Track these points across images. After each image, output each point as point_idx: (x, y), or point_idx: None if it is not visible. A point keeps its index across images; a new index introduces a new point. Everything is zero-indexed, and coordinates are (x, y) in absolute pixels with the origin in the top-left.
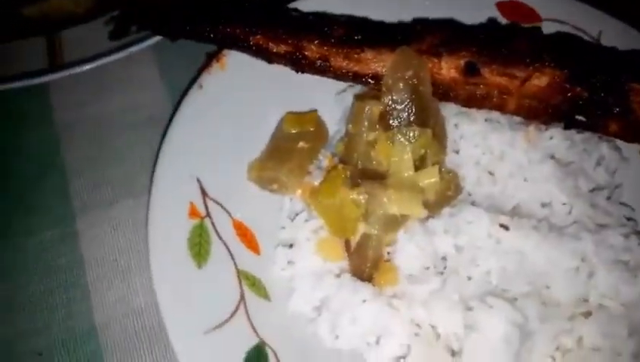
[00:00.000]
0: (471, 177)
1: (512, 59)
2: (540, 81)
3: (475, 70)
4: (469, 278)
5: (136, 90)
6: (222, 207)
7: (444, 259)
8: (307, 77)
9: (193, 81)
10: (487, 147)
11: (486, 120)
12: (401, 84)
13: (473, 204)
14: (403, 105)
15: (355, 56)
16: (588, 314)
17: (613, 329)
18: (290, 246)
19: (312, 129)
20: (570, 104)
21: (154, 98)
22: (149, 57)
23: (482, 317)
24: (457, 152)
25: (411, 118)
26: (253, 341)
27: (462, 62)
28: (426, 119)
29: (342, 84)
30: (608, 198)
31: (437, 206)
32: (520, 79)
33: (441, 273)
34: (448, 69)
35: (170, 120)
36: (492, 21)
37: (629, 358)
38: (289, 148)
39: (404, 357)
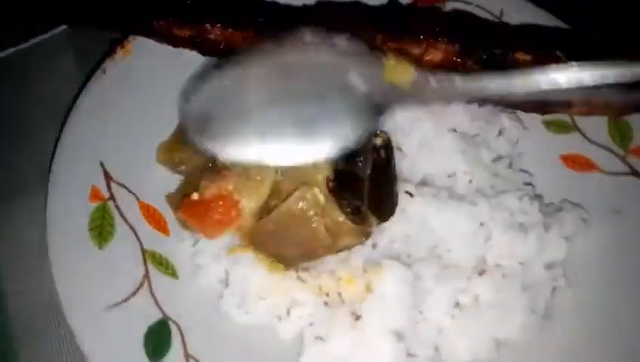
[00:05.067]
0: None
1: (408, 37)
2: (433, 56)
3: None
4: (374, 246)
5: (50, 79)
6: (128, 190)
7: None
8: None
9: (96, 67)
10: (395, 122)
11: None
12: None
13: None
14: None
15: (257, 39)
16: (483, 272)
17: (507, 285)
18: None
19: None
20: None
21: (69, 87)
22: (63, 44)
23: (375, 279)
24: None
25: None
26: (157, 316)
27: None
28: None
29: None
30: (510, 167)
31: None
32: (416, 56)
33: None
34: None
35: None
36: (392, 1)
37: (523, 312)
38: None
39: (311, 325)
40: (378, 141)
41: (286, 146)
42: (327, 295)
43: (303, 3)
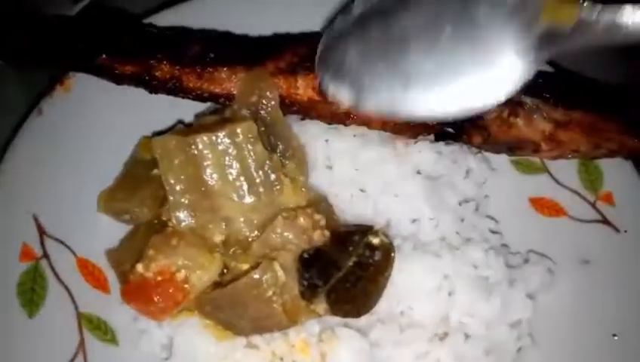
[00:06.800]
0: (344, 195)
1: None
2: None
3: None
4: None
5: None
6: (64, 244)
7: None
8: (166, 97)
9: (32, 107)
10: (359, 163)
11: (355, 135)
12: (244, 112)
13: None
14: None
15: (208, 75)
16: (444, 336)
17: (469, 349)
18: None
19: None
20: None
21: (13, 119)
22: (7, 73)
23: (331, 348)
24: (330, 168)
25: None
26: None
27: (317, 81)
28: (274, 145)
29: (203, 104)
30: (476, 210)
31: None
32: None
33: None
34: (305, 88)
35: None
36: None
37: None
38: (142, 176)
39: None
40: (375, 240)
41: (442, 95)
42: (282, 360)
43: (259, 34)
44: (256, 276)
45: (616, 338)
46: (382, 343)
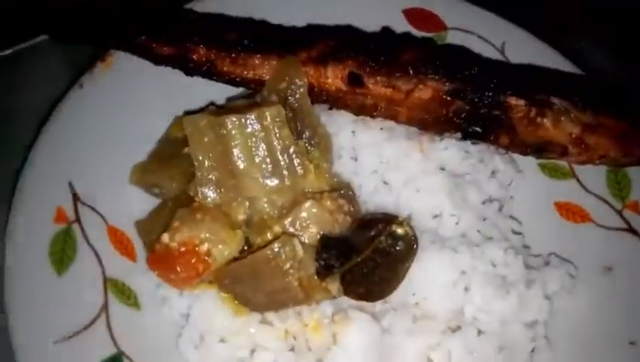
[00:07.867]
0: (367, 186)
1: (397, 71)
2: (422, 93)
3: (359, 81)
4: None
5: (41, 84)
6: (96, 211)
7: None
8: (201, 80)
9: (74, 81)
10: (383, 156)
11: (382, 128)
12: (273, 98)
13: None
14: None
15: (242, 61)
16: (457, 329)
17: (481, 345)
18: None
19: None
20: (456, 117)
21: (58, 92)
22: (54, 47)
23: (343, 330)
24: (355, 159)
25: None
26: (110, 351)
27: (346, 71)
28: (301, 131)
29: (235, 89)
30: (499, 210)
31: None
32: (404, 91)
33: None
34: (334, 78)
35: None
36: (385, 29)
37: None
38: (174, 154)
39: None
40: (399, 230)
41: None
42: (295, 338)
43: (293, 25)
44: (275, 248)
45: (633, 346)
46: (394, 330)
